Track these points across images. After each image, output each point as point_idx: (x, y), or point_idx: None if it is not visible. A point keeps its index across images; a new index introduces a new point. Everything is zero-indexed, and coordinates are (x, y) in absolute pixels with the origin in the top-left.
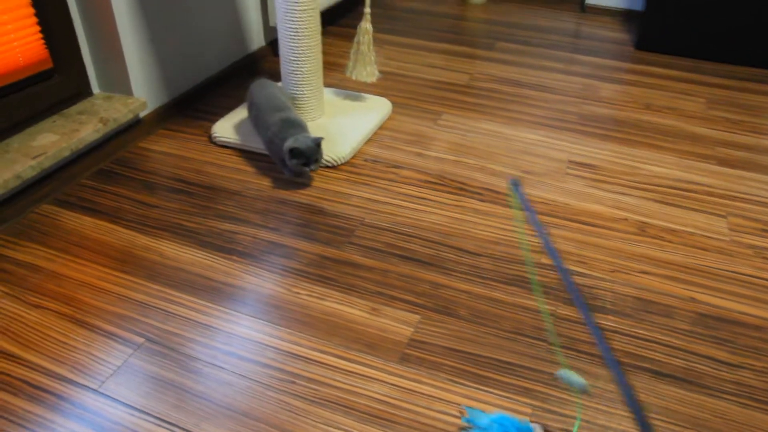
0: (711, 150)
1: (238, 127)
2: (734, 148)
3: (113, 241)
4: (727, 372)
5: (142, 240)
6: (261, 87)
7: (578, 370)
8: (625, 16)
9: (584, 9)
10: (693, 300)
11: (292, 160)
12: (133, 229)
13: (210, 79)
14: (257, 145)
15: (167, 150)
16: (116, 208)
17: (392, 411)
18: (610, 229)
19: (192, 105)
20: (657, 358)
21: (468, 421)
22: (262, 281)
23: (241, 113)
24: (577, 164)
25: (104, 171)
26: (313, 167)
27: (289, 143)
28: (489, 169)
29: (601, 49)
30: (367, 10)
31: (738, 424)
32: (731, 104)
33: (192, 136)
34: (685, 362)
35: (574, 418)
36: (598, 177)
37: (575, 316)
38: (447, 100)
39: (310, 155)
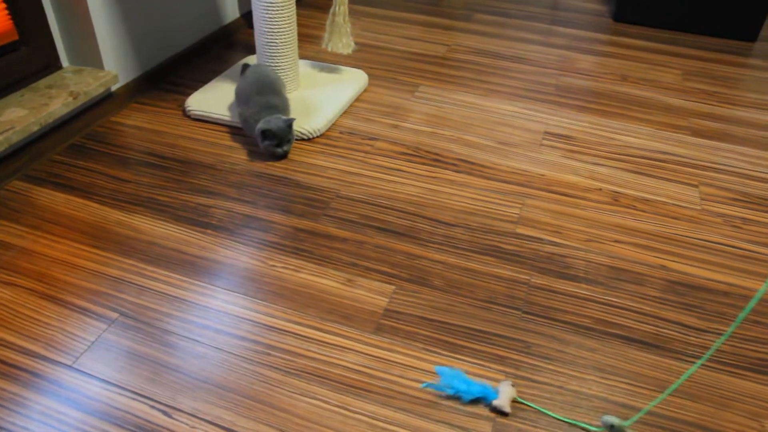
0: (685, 121)
1: (213, 101)
2: (708, 119)
3: (86, 217)
4: (694, 336)
5: (116, 215)
6: (257, 66)
7: (551, 338)
8: None
9: None
10: (664, 268)
11: (264, 142)
12: (106, 205)
13: (183, 52)
14: (231, 118)
15: (140, 124)
16: (89, 183)
17: (367, 380)
18: (584, 199)
19: (165, 78)
20: (628, 324)
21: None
22: (237, 254)
23: (215, 86)
24: (553, 135)
25: (76, 146)
26: (285, 148)
27: (260, 125)
28: (465, 141)
29: (579, 21)
30: None
31: (704, 386)
32: (706, 75)
33: (165, 110)
34: (655, 328)
35: (547, 383)
36: (573, 148)
37: (549, 285)
38: (424, 71)
39: (282, 136)
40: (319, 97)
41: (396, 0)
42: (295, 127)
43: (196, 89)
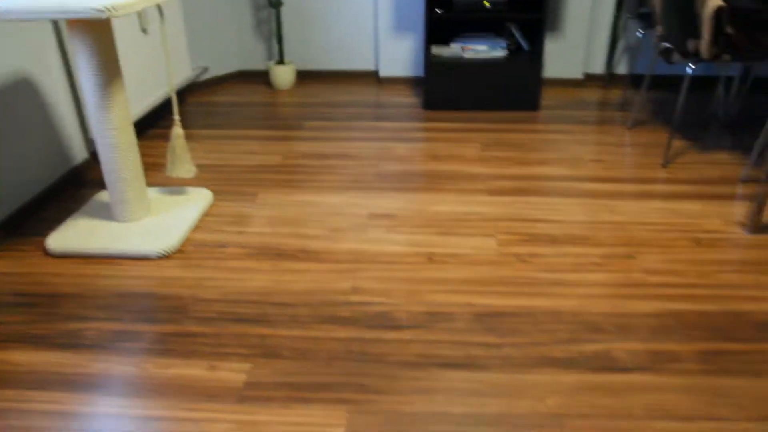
0: (483, 185)
1: (72, 237)
2: (503, 179)
3: None
4: (495, 351)
5: None
6: None
7: (383, 376)
8: (413, 82)
9: (380, 81)
10: (470, 304)
11: None
12: None
13: (38, 196)
14: (92, 249)
15: (3, 270)
16: None
17: None
18: (405, 263)
19: (23, 223)
20: (444, 353)
21: None
22: (111, 365)
23: (72, 224)
24: (377, 216)
25: None
26: None
27: None
28: (302, 234)
29: (397, 114)
30: (176, 117)
31: (506, 388)
32: (502, 144)
33: (26, 253)
34: (465, 352)
35: (382, 412)
36: (394, 224)
37: (379, 337)
38: (262, 180)
39: None
40: (170, 218)
41: (236, 120)
42: (152, 249)
43: (54, 229)
